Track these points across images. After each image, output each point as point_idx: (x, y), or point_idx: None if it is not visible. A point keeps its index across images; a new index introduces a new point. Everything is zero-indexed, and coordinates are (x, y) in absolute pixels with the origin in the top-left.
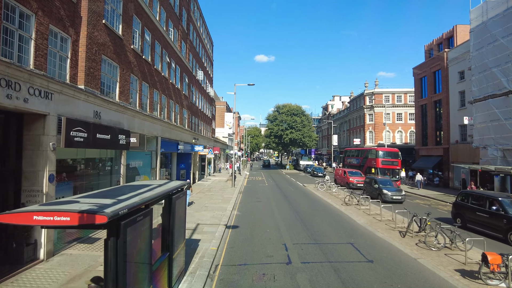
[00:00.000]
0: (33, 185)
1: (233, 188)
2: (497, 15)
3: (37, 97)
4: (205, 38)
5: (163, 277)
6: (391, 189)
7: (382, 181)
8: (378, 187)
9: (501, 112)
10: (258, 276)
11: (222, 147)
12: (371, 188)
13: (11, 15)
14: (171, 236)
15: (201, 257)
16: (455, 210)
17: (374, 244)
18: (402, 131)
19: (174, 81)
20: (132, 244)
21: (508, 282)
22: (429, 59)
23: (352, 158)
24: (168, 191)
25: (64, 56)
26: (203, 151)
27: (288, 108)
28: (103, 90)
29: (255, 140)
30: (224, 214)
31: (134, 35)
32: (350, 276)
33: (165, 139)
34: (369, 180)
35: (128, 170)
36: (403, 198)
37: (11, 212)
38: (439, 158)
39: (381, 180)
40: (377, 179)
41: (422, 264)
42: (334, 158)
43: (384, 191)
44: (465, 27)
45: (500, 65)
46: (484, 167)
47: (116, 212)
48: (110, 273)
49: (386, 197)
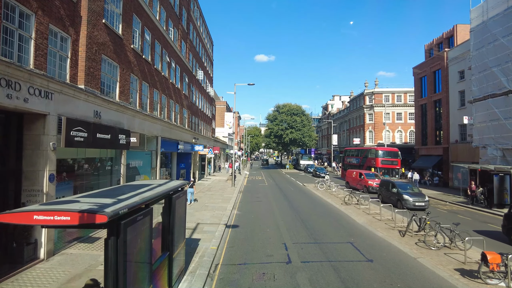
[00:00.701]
0: (34, 185)
1: (233, 187)
2: (497, 14)
3: (37, 97)
4: (205, 38)
5: (163, 277)
6: (413, 194)
7: (401, 185)
8: (397, 191)
9: (501, 112)
10: (258, 276)
11: (222, 147)
12: (387, 192)
13: (11, 15)
14: (171, 236)
15: (201, 257)
16: (507, 224)
17: (374, 243)
18: (402, 130)
19: (174, 80)
20: (132, 243)
21: (507, 281)
22: (429, 58)
23: (351, 157)
24: (168, 190)
25: (64, 56)
26: (203, 150)
27: (288, 107)
28: (103, 90)
29: (255, 140)
30: (224, 214)
31: (134, 35)
32: (350, 275)
33: (165, 139)
34: (385, 183)
35: (128, 169)
36: (426, 204)
37: (11, 212)
38: (439, 157)
39: (400, 184)
40: (396, 183)
41: (421, 264)
42: (334, 157)
43: (404, 196)
44: (465, 26)
45: (500, 65)
46: (483, 166)
47: (117, 212)
48: (111, 273)
49: (407, 204)
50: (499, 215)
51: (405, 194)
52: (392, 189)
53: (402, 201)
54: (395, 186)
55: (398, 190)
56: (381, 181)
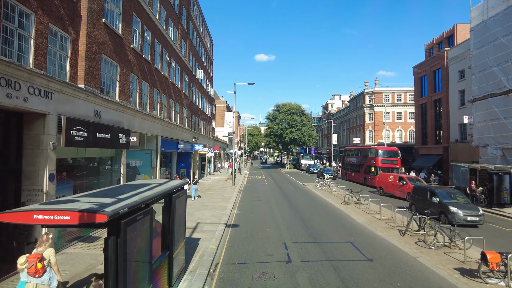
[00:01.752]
0: (33, 184)
1: (233, 187)
2: (498, 13)
3: (37, 96)
4: (205, 37)
5: (163, 276)
6: (462, 206)
7: (444, 193)
8: (440, 202)
9: (500, 111)
10: (258, 275)
11: (222, 146)
12: (425, 202)
13: (11, 14)
14: (171, 235)
15: (201, 256)
16: None
17: (374, 242)
18: (401, 130)
19: (174, 80)
20: (132, 242)
21: (507, 280)
22: (429, 58)
23: (351, 157)
24: (168, 190)
25: (64, 55)
26: (203, 150)
27: (288, 107)
28: (103, 89)
29: (255, 139)
30: (224, 213)
31: (134, 34)
32: (350, 274)
33: (165, 138)
34: (420, 190)
35: (128, 169)
36: (481, 219)
37: (11, 211)
38: (439, 157)
39: (444, 192)
40: (437, 191)
41: (421, 263)
42: (334, 157)
43: (451, 209)
44: (465, 26)
45: (500, 64)
46: (483, 166)
47: (117, 211)
48: (111, 272)
49: (455, 218)
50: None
51: (452, 206)
52: (432, 198)
53: (449, 215)
54: (435, 195)
55: (441, 200)
56: (414, 187)
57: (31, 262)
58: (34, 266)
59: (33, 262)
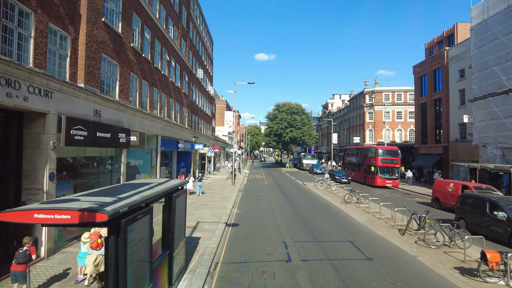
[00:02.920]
0: (34, 184)
1: (233, 186)
2: (498, 13)
3: (37, 96)
4: (205, 36)
5: (163, 275)
6: None
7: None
8: (509, 218)
9: (501, 111)
10: (258, 274)
11: (222, 146)
12: (480, 217)
13: (10, 13)
14: (171, 234)
15: (201, 255)
16: None
17: (374, 242)
18: (402, 129)
19: (174, 79)
20: (132, 242)
21: (507, 279)
22: (430, 57)
23: (351, 156)
24: (169, 189)
25: (64, 55)
26: (203, 149)
27: (288, 106)
28: (103, 89)
29: (255, 139)
30: (224, 212)
31: (134, 33)
32: (350, 273)
33: (165, 138)
34: (474, 201)
35: (128, 168)
36: None
37: (11, 210)
38: (439, 156)
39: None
40: (498, 202)
41: (421, 262)
42: (334, 156)
43: None
44: (465, 25)
45: (500, 63)
46: (483, 165)
47: (117, 210)
48: (111, 271)
49: None
50: None
51: None
52: (493, 212)
53: None
54: (498, 207)
55: (510, 216)
56: (463, 195)
57: (93, 238)
58: (95, 241)
59: (95, 238)
